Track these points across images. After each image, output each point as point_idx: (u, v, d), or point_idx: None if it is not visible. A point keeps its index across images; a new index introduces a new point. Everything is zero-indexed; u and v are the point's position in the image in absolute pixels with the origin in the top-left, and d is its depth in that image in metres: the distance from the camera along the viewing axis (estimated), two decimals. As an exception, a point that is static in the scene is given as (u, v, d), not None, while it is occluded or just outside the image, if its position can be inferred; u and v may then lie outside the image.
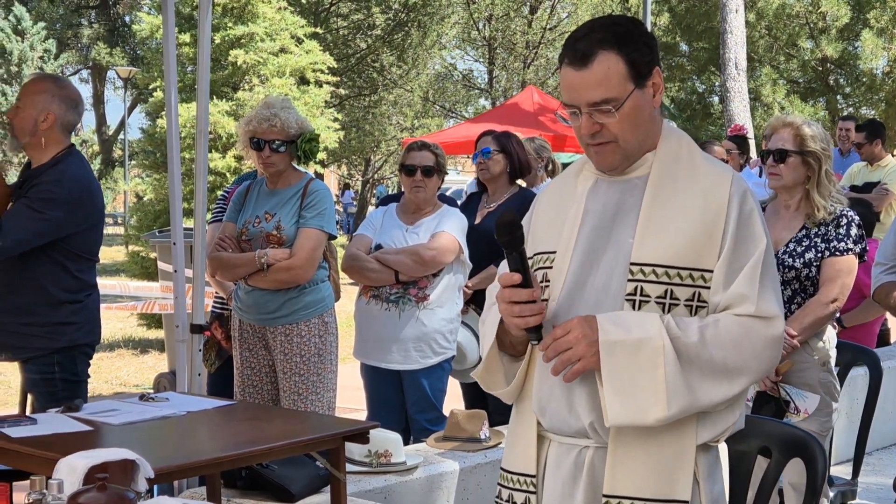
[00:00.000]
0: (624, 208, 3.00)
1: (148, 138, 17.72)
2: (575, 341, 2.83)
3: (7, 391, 10.78)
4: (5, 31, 37.03)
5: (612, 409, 2.83)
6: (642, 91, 2.95)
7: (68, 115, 5.15)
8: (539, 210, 3.21)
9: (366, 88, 34.83)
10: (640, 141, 2.99)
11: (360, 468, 5.08)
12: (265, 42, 16.50)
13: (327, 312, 5.70)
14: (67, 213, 4.95)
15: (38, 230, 4.91)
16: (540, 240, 3.12)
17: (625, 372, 2.83)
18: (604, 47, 2.91)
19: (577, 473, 2.98)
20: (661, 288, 2.89)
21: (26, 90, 5.19)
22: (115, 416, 4.32)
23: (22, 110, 5.12)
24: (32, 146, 5.12)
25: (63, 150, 5.13)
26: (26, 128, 5.10)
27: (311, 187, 5.67)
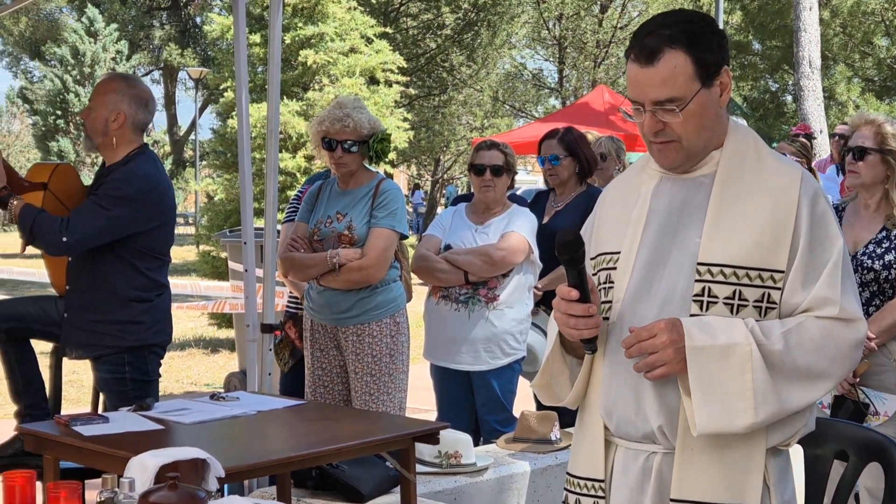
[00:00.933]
0: (690, 207, 2.95)
1: (218, 138, 17.82)
2: (661, 346, 2.78)
3: (80, 390, 10.88)
4: (79, 32, 37.43)
5: (699, 418, 2.77)
6: (709, 91, 2.89)
7: (139, 114, 5.17)
8: (603, 209, 3.16)
9: (435, 88, 34.89)
10: (704, 141, 2.93)
11: (429, 469, 5.06)
12: (335, 42, 16.53)
13: (399, 312, 5.68)
14: (134, 210, 4.97)
15: (103, 227, 4.93)
16: (604, 239, 3.08)
17: (712, 379, 2.78)
18: (672, 45, 2.85)
19: (645, 479, 2.93)
20: (730, 289, 2.84)
21: (97, 90, 5.22)
22: (186, 416, 4.33)
23: (93, 111, 5.15)
24: (105, 146, 5.14)
25: (135, 149, 5.15)
26: (98, 128, 5.13)
27: (383, 187, 5.66)
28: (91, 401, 5.88)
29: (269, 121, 5.75)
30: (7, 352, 5.22)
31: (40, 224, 4.89)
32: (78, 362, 5.45)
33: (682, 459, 2.86)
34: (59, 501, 2.95)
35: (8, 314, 5.23)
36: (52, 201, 5.09)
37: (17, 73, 56.02)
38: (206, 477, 3.33)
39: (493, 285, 6.03)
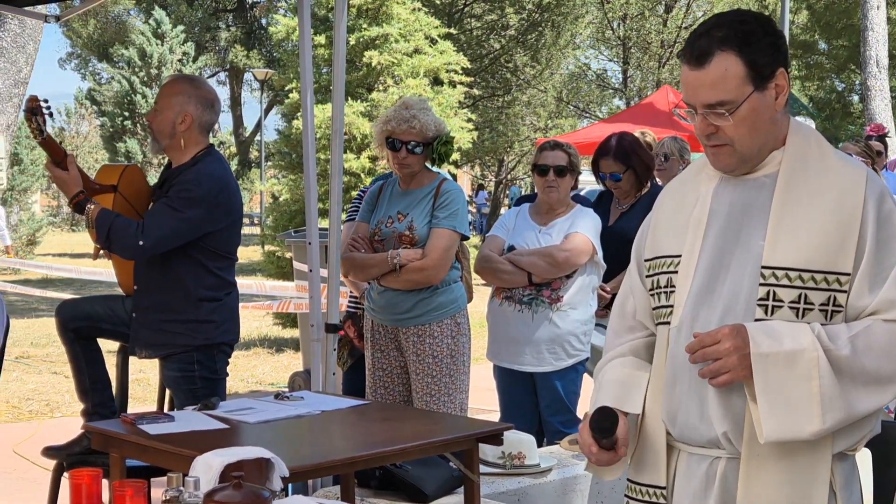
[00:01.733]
0: (752, 209, 2.89)
1: (283, 139, 17.90)
2: (725, 353, 2.74)
3: (146, 389, 10.97)
4: (146, 34, 37.69)
5: (767, 425, 2.74)
6: (762, 94, 2.83)
7: (205, 115, 5.20)
8: (660, 211, 3.11)
9: (499, 89, 34.88)
10: (758, 144, 2.88)
11: (493, 470, 5.06)
12: (399, 43, 16.56)
13: (460, 313, 5.68)
14: (206, 212, 5.00)
15: (178, 229, 4.96)
16: (662, 242, 3.03)
17: (779, 386, 2.73)
18: (723, 47, 2.80)
19: (709, 485, 2.90)
20: (795, 293, 2.79)
21: (163, 92, 5.24)
22: (251, 415, 4.35)
23: (160, 113, 5.17)
24: (172, 147, 5.17)
25: (202, 150, 5.17)
26: (165, 130, 5.15)
27: (444, 188, 5.66)
28: (157, 399, 5.93)
29: (334, 121, 5.76)
30: (75, 351, 5.27)
31: (117, 229, 4.93)
32: (144, 361, 5.49)
33: (749, 466, 2.82)
34: (125, 500, 2.97)
35: (76, 314, 5.28)
36: (122, 203, 5.14)
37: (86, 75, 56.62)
38: (270, 476, 3.34)
39: (557, 286, 6.01)
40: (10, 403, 10.63)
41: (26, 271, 25.45)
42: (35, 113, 4.92)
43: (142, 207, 5.20)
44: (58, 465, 5.49)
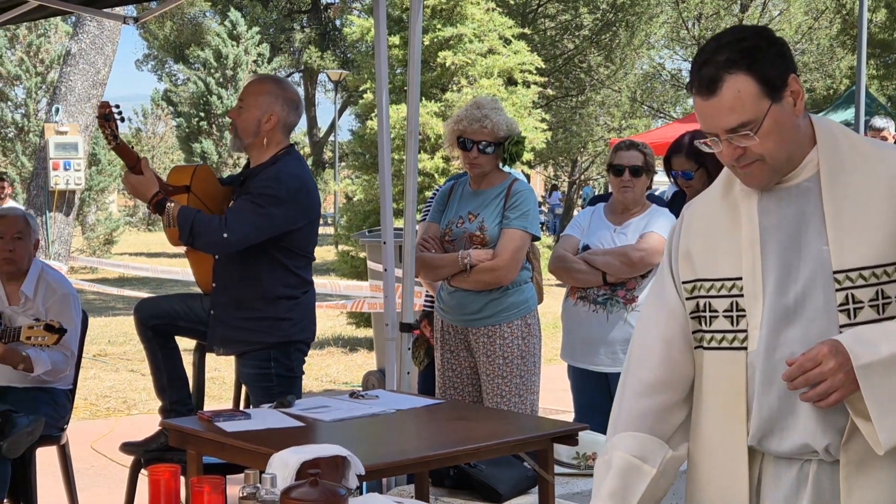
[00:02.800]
0: (805, 216, 2.83)
1: (357, 140, 17.97)
2: (830, 372, 2.67)
3: (221, 387, 11.07)
4: (221, 35, 37.97)
5: (884, 434, 2.67)
6: (780, 104, 2.77)
7: (290, 116, 5.23)
8: (690, 232, 3.02)
9: (573, 89, 34.80)
10: (788, 153, 2.81)
11: (567, 470, 5.05)
12: (473, 43, 16.57)
13: (530, 314, 5.66)
14: (286, 210, 5.03)
15: (260, 225, 4.99)
16: (708, 264, 2.95)
17: (888, 393, 2.67)
18: (730, 70, 2.74)
19: (801, 487, 2.84)
20: (872, 290, 2.73)
21: (249, 91, 5.26)
22: (326, 413, 4.38)
23: (245, 111, 5.20)
24: (254, 146, 5.20)
25: (282, 149, 5.21)
26: (250, 128, 5.18)
27: (515, 188, 5.65)
28: (233, 397, 5.98)
29: (409, 121, 5.77)
30: (153, 348, 5.33)
31: (200, 223, 4.97)
32: (220, 359, 5.54)
33: (848, 471, 2.76)
34: (202, 496, 3.01)
35: (155, 311, 5.33)
36: (196, 203, 5.18)
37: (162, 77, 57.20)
38: (346, 474, 3.36)
39: (632, 286, 5.97)
40: (87, 401, 10.76)
41: (103, 270, 25.78)
42: (108, 119, 4.96)
43: (214, 206, 5.24)
44: (135, 462, 5.56)
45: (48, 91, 30.88)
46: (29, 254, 6.06)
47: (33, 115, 31.86)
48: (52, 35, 32.44)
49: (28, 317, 5.87)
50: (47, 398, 5.95)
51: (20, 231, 6.03)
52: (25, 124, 31.86)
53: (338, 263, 17.27)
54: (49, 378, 5.92)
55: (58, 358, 5.89)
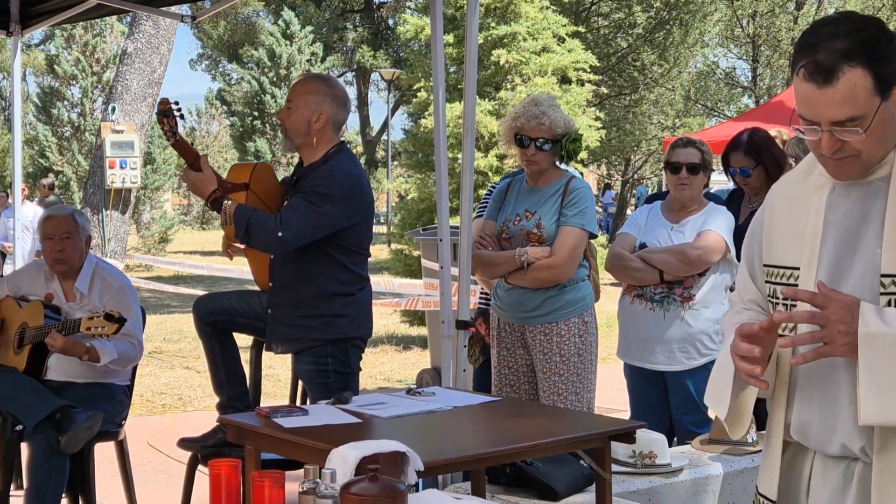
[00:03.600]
0: (868, 216, 2.78)
1: (411, 138, 17.99)
2: (832, 322, 2.63)
3: (276, 384, 11.12)
4: (275, 35, 38.16)
5: (866, 407, 2.63)
6: (887, 102, 2.70)
7: (339, 114, 5.25)
8: (773, 216, 3.00)
9: (626, 87, 34.67)
10: (883, 151, 2.77)
11: (623, 468, 5.03)
12: (528, 41, 16.54)
13: (587, 312, 5.64)
14: (340, 208, 5.04)
15: (315, 223, 5.01)
16: (779, 250, 2.94)
17: (885, 368, 2.61)
18: (850, 61, 2.65)
19: (847, 485, 2.83)
20: None
21: (297, 91, 5.28)
22: (383, 409, 4.38)
23: (294, 111, 5.21)
24: (306, 146, 5.22)
25: (334, 147, 5.22)
26: (300, 129, 5.19)
27: (572, 185, 5.63)
28: (289, 394, 6.00)
29: (466, 119, 5.76)
30: (211, 345, 5.36)
31: (256, 222, 4.99)
32: (274, 357, 5.55)
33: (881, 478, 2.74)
34: (263, 490, 3.01)
35: (213, 308, 5.36)
36: (254, 200, 5.20)
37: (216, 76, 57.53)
38: (405, 470, 3.36)
39: (689, 284, 5.95)
40: (143, 397, 10.84)
41: (158, 268, 25.97)
42: (167, 115, 4.99)
43: (273, 204, 5.26)
44: (193, 457, 5.59)
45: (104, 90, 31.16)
46: (80, 251, 6.10)
47: (89, 115, 32.16)
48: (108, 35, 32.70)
49: (85, 312, 5.92)
50: (105, 394, 5.99)
51: (69, 231, 6.07)
52: (81, 123, 32.16)
53: (391, 262, 17.30)
54: (118, 368, 5.97)
55: (124, 347, 5.93)
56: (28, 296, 6.13)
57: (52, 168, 31.42)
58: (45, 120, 33.20)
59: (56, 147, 31.95)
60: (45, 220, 6.16)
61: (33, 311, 5.99)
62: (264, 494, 3.01)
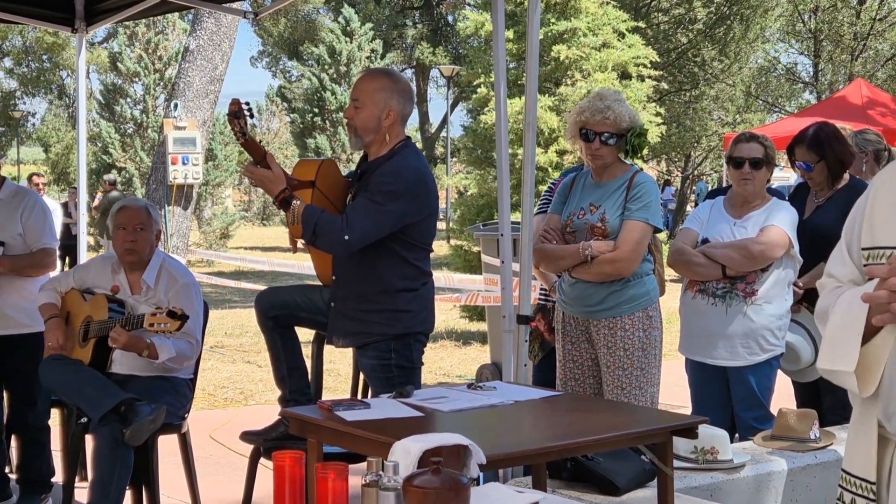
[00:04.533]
0: None
1: (471, 134, 17.97)
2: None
3: (336, 378, 11.16)
4: (335, 32, 38.30)
5: None
6: None
7: (406, 108, 5.24)
8: (877, 198, 2.97)
9: (686, 83, 34.46)
10: None
11: (685, 464, 5.02)
12: (588, 37, 16.50)
13: (652, 306, 5.62)
14: (406, 204, 5.03)
15: (380, 222, 5.00)
16: (879, 233, 2.91)
17: None
18: None
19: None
20: None
21: (364, 88, 5.22)
22: (445, 403, 4.39)
23: (363, 109, 5.17)
24: (375, 142, 5.18)
25: (399, 142, 5.22)
26: (370, 126, 5.16)
27: (637, 179, 5.61)
28: (350, 388, 6.03)
29: (527, 114, 5.76)
30: (274, 339, 5.39)
31: (323, 225, 4.98)
32: (334, 351, 5.57)
33: None
34: (327, 482, 3.04)
35: (275, 303, 5.39)
36: (320, 198, 5.19)
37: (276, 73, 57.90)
38: (467, 463, 3.37)
39: (752, 280, 5.92)
40: (205, 391, 10.92)
41: (220, 263, 26.15)
42: (237, 116, 5.00)
43: (339, 201, 5.26)
44: (255, 451, 5.63)
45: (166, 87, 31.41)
46: (150, 244, 6.17)
47: (151, 111, 32.45)
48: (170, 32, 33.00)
49: (150, 305, 5.98)
50: (169, 387, 6.05)
51: (142, 222, 6.13)
52: (144, 120, 32.45)
53: (451, 257, 17.31)
54: (174, 365, 6.02)
55: (182, 346, 5.98)
56: (94, 288, 6.21)
57: (114, 164, 31.77)
58: (108, 117, 33.56)
59: (119, 144, 32.28)
60: (119, 210, 6.22)
61: (98, 304, 6.05)
62: (328, 486, 3.04)
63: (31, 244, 6.59)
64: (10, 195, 6.64)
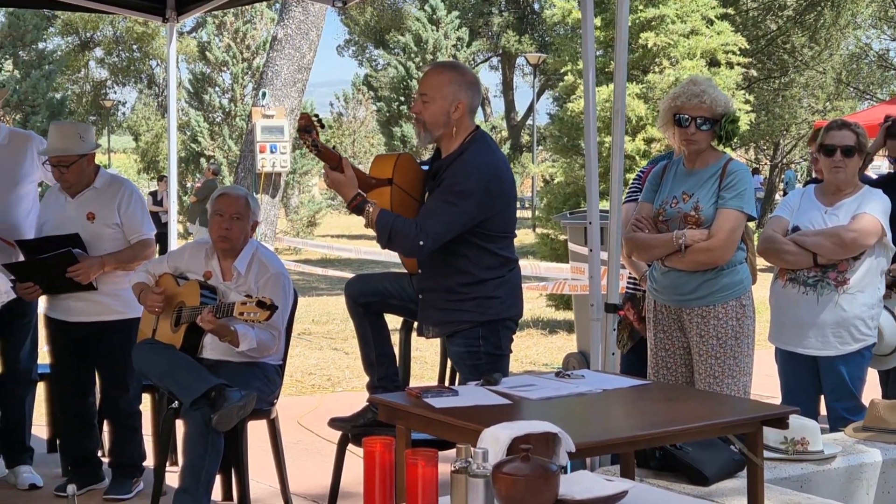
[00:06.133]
0: None
1: (557, 122, 17.91)
2: None
3: (422, 366, 11.19)
4: (421, 20, 38.37)
5: None
6: None
7: (474, 99, 5.21)
8: None
9: (776, 70, 34.09)
10: None
11: (775, 455, 4.97)
12: (676, 24, 16.36)
13: (745, 295, 5.56)
14: (478, 202, 5.01)
15: (454, 223, 5.00)
16: None
17: None
18: None
19: None
20: None
21: (431, 83, 5.20)
22: (533, 391, 4.39)
23: (431, 104, 5.15)
24: (445, 137, 5.17)
25: (469, 134, 5.19)
26: (439, 121, 5.15)
27: (731, 167, 5.55)
28: (438, 375, 6.05)
29: (616, 101, 5.72)
30: (363, 325, 5.42)
31: (397, 230, 4.99)
32: (421, 339, 5.59)
33: None
34: (417, 469, 3.05)
35: (366, 290, 5.42)
36: (399, 194, 5.20)
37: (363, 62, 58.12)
38: (556, 451, 3.37)
39: (844, 268, 5.85)
40: (293, 378, 11.00)
41: (307, 251, 26.35)
42: (308, 131, 5.02)
43: (418, 194, 5.26)
44: (343, 437, 5.67)
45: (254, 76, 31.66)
46: (245, 234, 6.22)
47: (239, 100, 32.72)
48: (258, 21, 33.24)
49: (240, 293, 6.03)
50: (259, 373, 6.10)
51: (239, 212, 6.19)
52: (232, 109, 32.73)
53: (537, 246, 17.27)
54: (254, 355, 6.07)
55: (264, 336, 6.03)
56: (187, 273, 6.28)
57: (202, 153, 32.09)
58: (197, 106, 33.91)
59: (207, 132, 32.60)
60: (219, 197, 6.28)
61: (191, 290, 6.12)
62: (418, 473, 3.05)
63: (129, 235, 6.67)
64: (106, 184, 6.72)
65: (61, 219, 6.63)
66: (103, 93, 62.39)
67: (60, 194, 6.71)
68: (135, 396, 6.78)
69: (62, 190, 6.70)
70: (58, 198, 6.73)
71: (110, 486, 6.72)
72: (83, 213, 6.60)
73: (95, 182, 6.67)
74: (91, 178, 6.68)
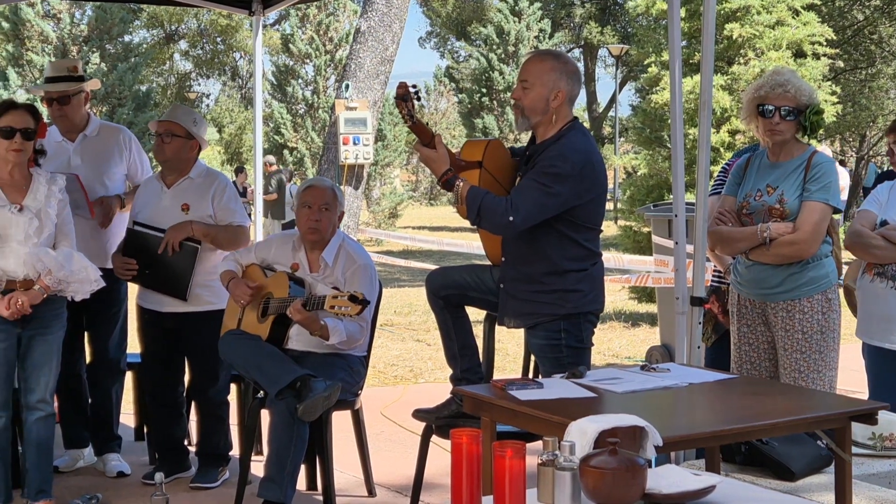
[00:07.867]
0: None
1: (640, 114, 17.81)
2: None
3: (504, 358, 11.19)
4: (503, 12, 38.37)
5: None
6: None
7: (574, 88, 5.24)
8: None
9: (863, 61, 33.63)
10: None
11: (862, 451, 4.92)
12: (761, 15, 16.18)
13: (830, 289, 5.51)
14: (572, 187, 5.03)
15: (546, 204, 5.01)
16: None
17: None
18: None
19: None
20: None
21: (532, 70, 5.23)
22: (618, 385, 4.39)
23: (531, 90, 5.18)
24: (543, 124, 5.20)
25: (567, 123, 5.22)
26: (538, 107, 5.18)
27: (816, 159, 5.50)
28: (521, 367, 6.05)
29: (702, 93, 5.70)
30: (444, 318, 5.44)
31: (487, 206, 5.02)
32: (503, 331, 5.60)
33: None
34: (504, 461, 3.06)
35: (446, 282, 5.44)
36: (488, 178, 5.23)
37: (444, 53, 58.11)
38: (643, 445, 3.37)
39: (932, 263, 5.77)
40: (376, 368, 11.05)
41: (389, 242, 26.44)
42: (405, 99, 5.05)
43: (506, 181, 5.29)
44: (427, 428, 5.70)
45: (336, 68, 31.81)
46: (333, 225, 6.27)
47: (322, 92, 32.89)
48: (341, 14, 33.39)
49: (327, 284, 6.08)
50: (344, 364, 6.14)
51: (327, 203, 6.24)
52: (315, 101, 32.91)
53: (620, 238, 17.19)
54: (343, 347, 6.12)
55: (353, 329, 6.08)
56: (274, 265, 6.34)
57: (286, 145, 32.33)
58: (280, 98, 34.15)
59: (290, 124, 32.82)
60: (306, 189, 6.34)
61: (278, 281, 6.17)
62: (505, 465, 3.06)
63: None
64: (201, 176, 6.79)
65: (156, 208, 6.71)
66: (188, 85, 62.94)
67: (157, 183, 6.81)
68: (223, 387, 6.85)
69: (159, 178, 6.80)
70: (154, 187, 6.82)
71: (197, 475, 6.80)
72: (178, 204, 6.68)
73: (191, 172, 6.75)
74: (188, 166, 6.75)
